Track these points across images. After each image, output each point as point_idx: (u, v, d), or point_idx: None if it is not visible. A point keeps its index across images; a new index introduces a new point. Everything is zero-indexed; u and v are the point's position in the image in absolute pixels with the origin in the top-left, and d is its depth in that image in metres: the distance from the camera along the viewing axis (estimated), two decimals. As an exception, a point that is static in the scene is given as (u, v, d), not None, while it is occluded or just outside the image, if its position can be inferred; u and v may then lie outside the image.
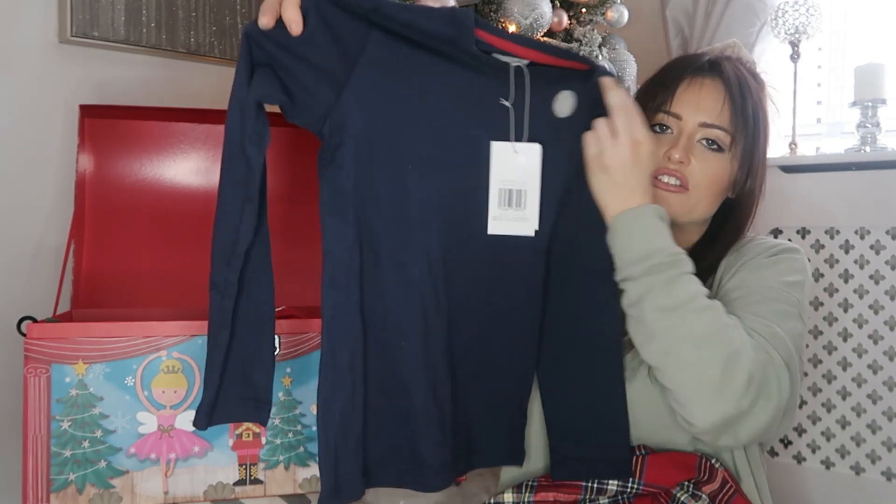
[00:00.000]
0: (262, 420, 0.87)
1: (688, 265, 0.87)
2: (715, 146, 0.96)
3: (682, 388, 0.84)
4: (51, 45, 1.39)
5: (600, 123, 0.89)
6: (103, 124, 1.22)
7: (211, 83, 1.61)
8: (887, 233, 1.58)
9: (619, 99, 0.89)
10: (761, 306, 0.89)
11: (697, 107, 0.97)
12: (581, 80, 0.92)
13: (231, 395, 0.85)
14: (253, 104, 0.82)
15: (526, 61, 0.90)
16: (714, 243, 1.01)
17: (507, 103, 0.89)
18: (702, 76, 0.98)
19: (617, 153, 0.87)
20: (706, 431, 0.85)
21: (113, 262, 1.22)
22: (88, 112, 1.21)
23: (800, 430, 1.65)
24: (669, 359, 0.84)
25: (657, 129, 0.98)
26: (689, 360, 0.83)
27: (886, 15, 1.84)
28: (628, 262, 0.87)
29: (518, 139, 0.90)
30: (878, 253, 1.59)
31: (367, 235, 0.86)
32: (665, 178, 0.95)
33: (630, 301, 0.88)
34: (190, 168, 1.28)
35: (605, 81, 0.90)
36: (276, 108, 0.85)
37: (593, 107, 0.91)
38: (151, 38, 1.52)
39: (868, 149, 1.65)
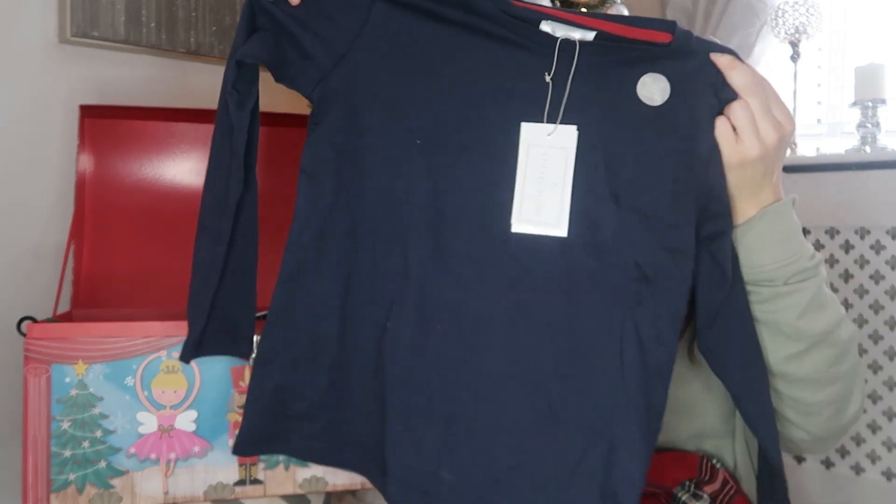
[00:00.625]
0: (244, 353, 0.91)
1: (823, 267, 0.81)
2: None
3: (813, 396, 0.80)
4: (51, 45, 1.39)
5: (737, 111, 0.76)
6: (103, 124, 1.22)
7: (211, 83, 1.61)
8: (887, 233, 1.58)
9: (748, 77, 0.76)
10: None
11: None
12: (667, 57, 0.78)
13: (214, 331, 0.88)
14: (234, 62, 0.82)
15: (591, 33, 0.77)
16: None
17: (548, 79, 0.78)
18: None
19: (761, 143, 0.76)
20: (820, 440, 0.83)
21: (113, 262, 1.22)
22: (88, 112, 1.21)
23: (800, 430, 1.66)
24: (805, 366, 0.79)
25: None
26: (830, 371, 0.79)
27: (886, 15, 1.84)
28: (769, 267, 0.78)
29: (551, 122, 0.78)
30: (878, 253, 1.59)
31: (355, 206, 0.83)
32: None
33: (769, 307, 0.79)
34: (190, 168, 1.28)
35: (722, 61, 0.76)
36: (276, 110, 0.86)
37: (694, 89, 0.77)
38: (151, 38, 1.52)
39: (868, 149, 1.65)
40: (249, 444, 0.86)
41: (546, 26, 0.78)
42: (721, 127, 0.76)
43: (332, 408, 0.86)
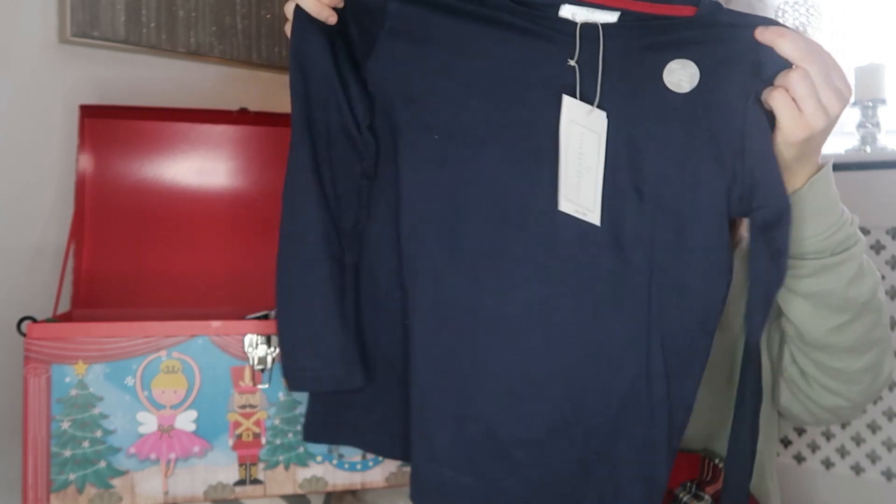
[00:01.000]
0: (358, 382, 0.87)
1: (859, 229, 0.79)
2: None
3: (854, 364, 0.79)
4: (51, 45, 1.39)
5: (797, 81, 0.69)
6: (103, 124, 1.22)
7: (211, 83, 1.61)
8: (887, 233, 1.58)
9: (801, 44, 0.70)
10: None
11: None
12: (697, 43, 0.74)
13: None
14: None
15: (614, 14, 0.74)
16: None
17: (572, 63, 0.75)
18: None
19: (825, 113, 0.70)
20: (857, 406, 0.82)
21: (113, 262, 1.22)
22: (88, 112, 1.21)
23: (800, 430, 1.65)
24: (850, 336, 0.78)
25: None
26: (871, 335, 0.78)
27: (886, 15, 1.84)
28: (816, 238, 0.75)
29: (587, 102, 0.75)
30: (878, 253, 1.59)
31: (394, 205, 0.82)
32: None
33: (816, 281, 0.76)
34: (190, 168, 1.28)
35: (768, 35, 0.71)
36: (277, 110, 0.85)
37: (729, 74, 0.73)
38: (151, 38, 1.52)
39: (868, 149, 1.65)
40: (314, 433, 0.89)
41: (566, 11, 0.75)
42: (780, 99, 0.70)
43: (386, 401, 0.86)
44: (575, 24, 0.75)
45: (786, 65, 0.71)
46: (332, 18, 0.78)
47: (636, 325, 0.76)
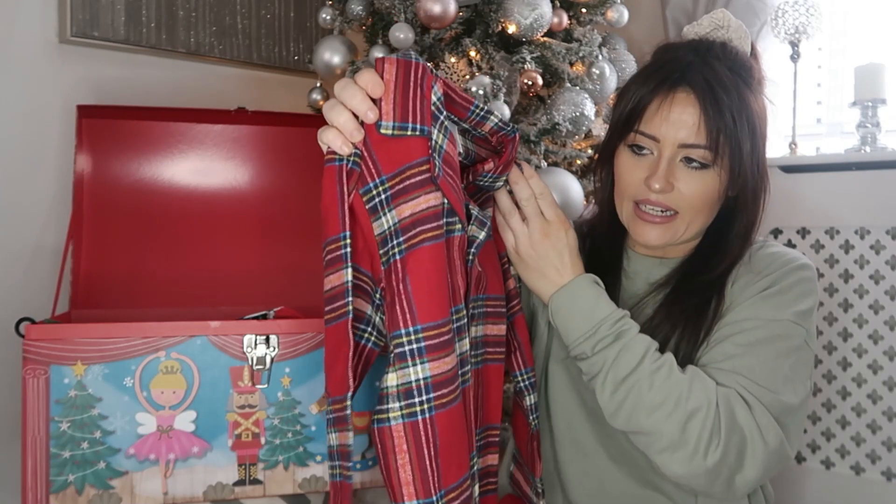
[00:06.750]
0: None
1: (633, 327, 0.86)
2: (697, 164, 0.88)
3: (649, 448, 0.84)
4: (51, 45, 1.39)
5: (511, 216, 0.90)
6: (101, 124, 1.22)
7: (211, 83, 1.61)
8: (887, 233, 1.58)
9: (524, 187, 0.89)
10: (763, 348, 0.85)
11: (672, 126, 0.87)
12: None
13: None
14: None
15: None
16: (720, 255, 0.93)
17: None
18: (672, 90, 0.88)
19: (527, 241, 0.89)
20: (684, 481, 0.83)
21: (111, 263, 1.22)
22: (86, 112, 1.20)
23: (800, 431, 1.65)
24: (632, 426, 0.84)
25: (635, 149, 0.91)
26: (647, 427, 0.82)
27: (886, 15, 1.84)
28: (576, 341, 0.87)
29: None
30: (878, 253, 1.59)
31: None
32: (649, 209, 0.90)
33: (589, 376, 0.87)
34: (188, 168, 1.28)
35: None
36: (277, 109, 0.85)
37: None
38: (151, 38, 1.52)
39: (868, 149, 1.65)
40: None
41: None
42: (500, 228, 0.92)
43: None
44: None
45: None
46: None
47: None
